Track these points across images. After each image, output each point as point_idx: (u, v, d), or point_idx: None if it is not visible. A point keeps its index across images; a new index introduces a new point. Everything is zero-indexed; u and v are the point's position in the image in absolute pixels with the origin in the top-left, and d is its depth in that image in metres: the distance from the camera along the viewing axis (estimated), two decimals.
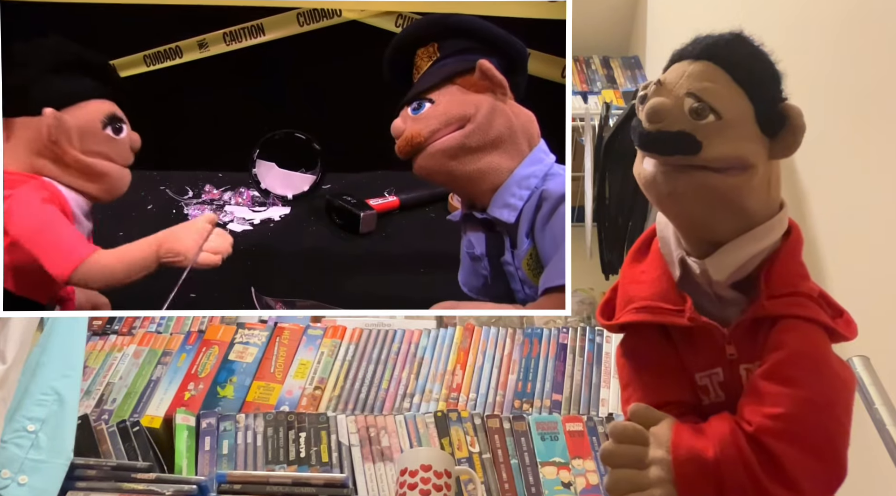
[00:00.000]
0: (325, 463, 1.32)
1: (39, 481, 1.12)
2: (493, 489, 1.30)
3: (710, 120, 0.74)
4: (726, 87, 0.76)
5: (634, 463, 0.75)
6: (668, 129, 0.74)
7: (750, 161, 0.75)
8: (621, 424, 0.77)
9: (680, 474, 0.73)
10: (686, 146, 0.74)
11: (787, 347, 0.75)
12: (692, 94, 0.75)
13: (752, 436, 0.72)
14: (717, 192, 0.75)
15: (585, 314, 1.90)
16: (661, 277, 0.83)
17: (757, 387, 0.75)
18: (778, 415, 0.72)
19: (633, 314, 0.83)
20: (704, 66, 0.76)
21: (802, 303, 0.78)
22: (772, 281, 0.78)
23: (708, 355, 0.81)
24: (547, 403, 1.47)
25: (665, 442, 0.75)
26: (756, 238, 0.78)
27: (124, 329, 1.61)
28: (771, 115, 0.76)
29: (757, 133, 0.76)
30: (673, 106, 0.75)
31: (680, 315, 0.80)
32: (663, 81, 0.77)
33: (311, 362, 1.54)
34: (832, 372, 0.76)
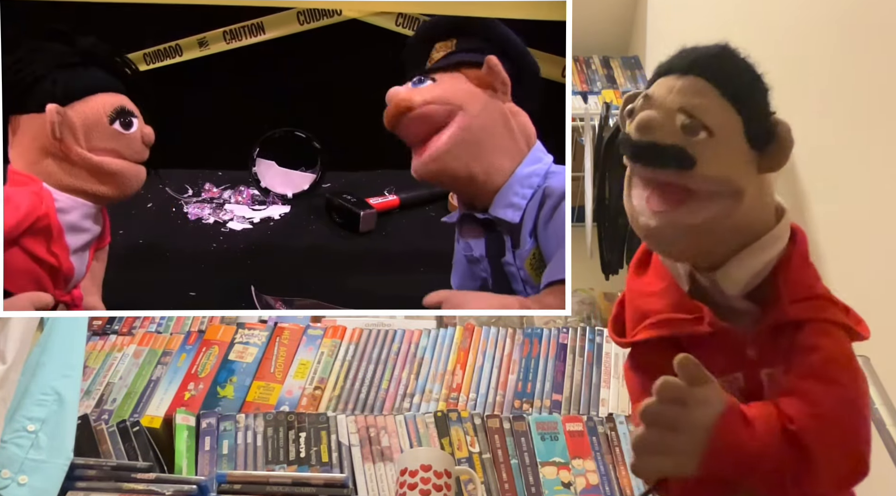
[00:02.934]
0: (325, 463, 1.32)
1: (39, 481, 1.12)
2: (493, 489, 1.30)
3: (702, 137, 0.74)
4: (716, 102, 0.75)
5: (668, 424, 0.71)
6: (661, 142, 0.74)
7: (739, 185, 0.74)
8: (668, 383, 0.71)
9: (714, 454, 0.70)
10: (681, 160, 0.73)
11: (823, 349, 0.76)
12: (684, 110, 0.74)
13: (795, 434, 0.72)
14: (709, 228, 0.75)
15: (585, 314, 1.89)
16: (670, 287, 0.83)
17: (797, 387, 0.75)
18: (820, 415, 0.72)
19: (651, 330, 0.82)
20: (693, 81, 0.76)
21: (825, 307, 0.79)
22: (789, 286, 0.78)
23: (726, 360, 0.80)
24: (547, 403, 1.47)
25: (710, 411, 0.70)
26: (763, 248, 0.78)
27: (124, 329, 1.61)
28: (760, 129, 0.76)
29: (745, 149, 0.76)
30: (664, 119, 0.74)
31: (699, 323, 0.79)
32: (651, 96, 0.76)
33: (311, 362, 1.54)
34: (861, 372, 0.77)
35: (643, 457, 0.71)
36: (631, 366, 0.86)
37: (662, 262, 0.85)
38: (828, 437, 0.72)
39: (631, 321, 0.86)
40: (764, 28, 1.66)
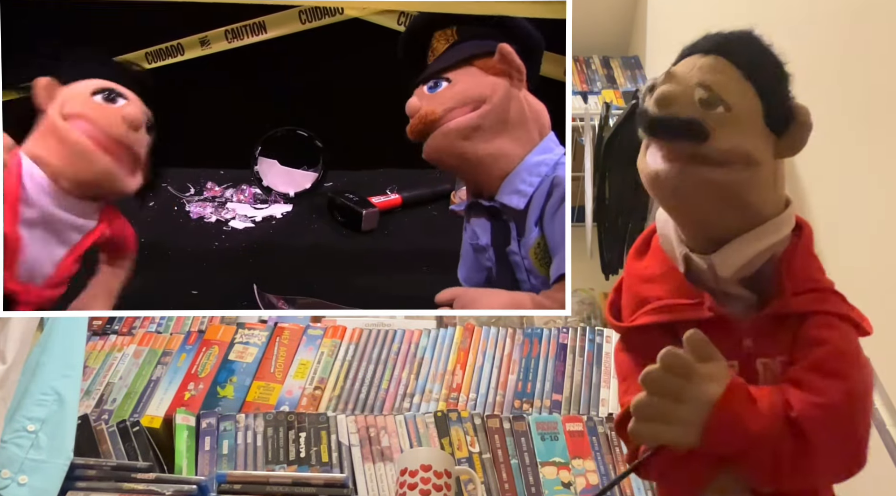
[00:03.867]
0: (325, 463, 1.32)
1: (39, 481, 1.12)
2: (493, 489, 1.30)
3: (719, 111, 0.75)
4: (736, 82, 0.76)
5: (671, 393, 0.71)
6: (678, 115, 0.74)
7: (755, 157, 0.75)
8: (674, 354, 0.71)
9: (714, 428, 0.70)
10: (695, 132, 0.74)
11: (830, 343, 0.76)
12: (703, 85, 0.75)
13: (795, 420, 0.72)
14: (722, 188, 0.75)
15: (585, 314, 1.90)
16: (669, 272, 0.83)
17: (802, 379, 0.75)
18: (823, 405, 0.72)
19: (651, 315, 0.82)
20: (715, 60, 0.77)
21: (831, 300, 0.80)
22: (793, 277, 0.79)
23: (723, 349, 0.79)
24: (547, 403, 1.47)
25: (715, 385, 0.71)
26: (763, 234, 0.78)
27: (124, 329, 1.61)
28: (779, 112, 0.77)
29: (764, 129, 0.77)
30: (683, 93, 0.75)
31: (699, 308, 0.79)
32: (673, 72, 0.77)
33: (311, 362, 1.54)
34: (868, 367, 0.78)
35: (642, 422, 0.72)
36: (624, 348, 0.86)
37: (662, 246, 0.85)
38: (828, 428, 0.72)
39: (629, 306, 0.86)
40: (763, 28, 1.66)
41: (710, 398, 0.71)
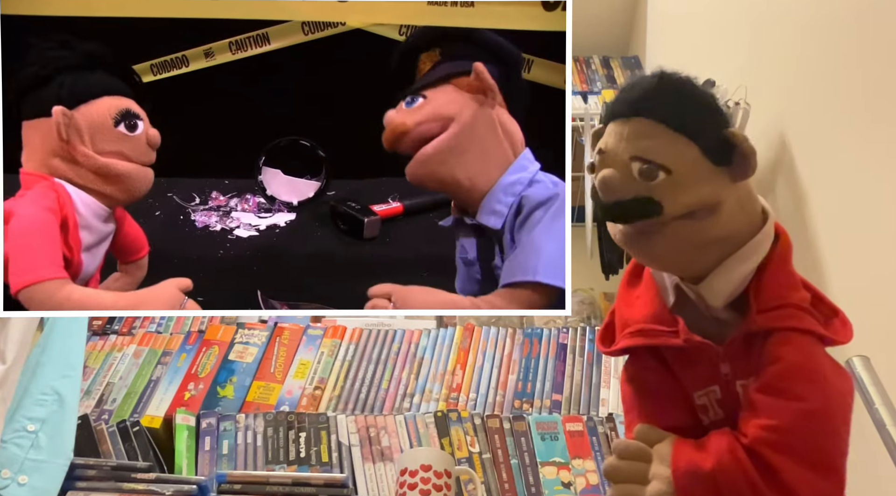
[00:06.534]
0: (325, 463, 1.32)
1: (39, 481, 1.12)
2: (493, 489, 1.30)
3: (661, 178, 0.74)
4: (666, 139, 0.74)
5: (637, 478, 0.76)
6: (624, 198, 0.74)
7: (712, 200, 0.75)
8: (624, 442, 0.79)
9: (679, 486, 0.74)
10: (647, 210, 0.74)
11: (782, 361, 0.75)
12: (636, 158, 0.74)
13: (749, 447, 0.73)
14: (692, 239, 0.75)
15: (585, 314, 1.90)
16: (652, 298, 0.83)
17: (753, 400, 0.76)
18: (774, 427, 0.73)
19: (628, 338, 0.83)
20: (638, 123, 0.75)
21: (794, 315, 0.78)
22: (761, 294, 0.78)
23: (704, 374, 0.81)
24: (547, 403, 1.47)
25: (666, 457, 0.76)
26: (745, 257, 0.78)
27: (124, 329, 1.61)
28: (717, 147, 0.75)
29: (711, 169, 0.75)
30: (621, 174, 0.74)
31: (674, 336, 0.80)
32: (605, 149, 0.76)
33: (311, 362, 1.54)
34: (828, 383, 0.76)
35: None
36: (624, 379, 0.88)
37: (652, 275, 0.85)
38: (785, 451, 0.72)
39: (617, 329, 0.87)
40: (764, 28, 1.66)
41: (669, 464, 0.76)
